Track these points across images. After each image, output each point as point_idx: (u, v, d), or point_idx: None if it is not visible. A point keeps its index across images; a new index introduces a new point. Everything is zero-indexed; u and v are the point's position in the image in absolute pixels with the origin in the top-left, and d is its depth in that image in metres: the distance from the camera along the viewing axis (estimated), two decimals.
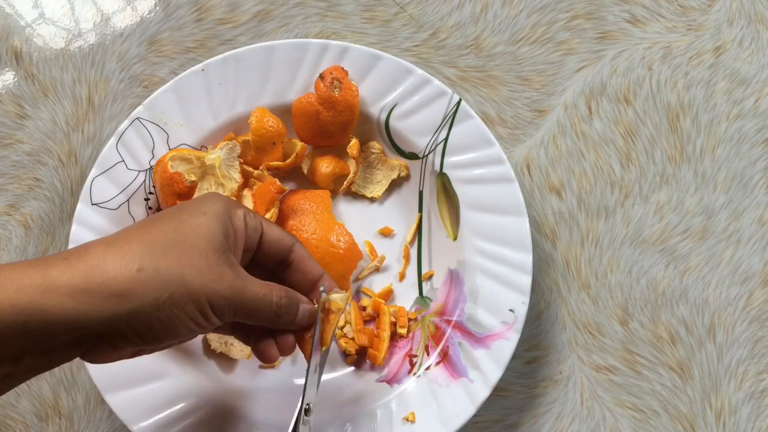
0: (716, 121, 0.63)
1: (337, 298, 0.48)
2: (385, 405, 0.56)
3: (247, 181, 0.59)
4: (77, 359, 0.41)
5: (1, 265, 0.38)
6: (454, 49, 0.64)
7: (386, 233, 0.61)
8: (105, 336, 0.39)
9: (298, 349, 0.48)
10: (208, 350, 0.58)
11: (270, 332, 0.47)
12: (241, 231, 0.44)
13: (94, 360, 0.41)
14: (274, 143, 0.57)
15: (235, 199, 0.58)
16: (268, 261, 0.48)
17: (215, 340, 0.58)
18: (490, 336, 0.56)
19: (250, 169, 0.58)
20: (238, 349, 0.58)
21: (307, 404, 0.47)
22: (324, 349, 0.48)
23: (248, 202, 0.58)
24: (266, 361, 0.47)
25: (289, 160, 0.58)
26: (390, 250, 0.61)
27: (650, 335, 0.61)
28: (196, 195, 0.56)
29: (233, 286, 0.42)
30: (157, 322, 0.40)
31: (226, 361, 0.58)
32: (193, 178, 0.54)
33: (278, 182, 0.57)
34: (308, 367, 0.47)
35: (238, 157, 0.58)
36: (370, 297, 0.60)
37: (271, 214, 0.56)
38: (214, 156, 0.57)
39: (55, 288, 0.37)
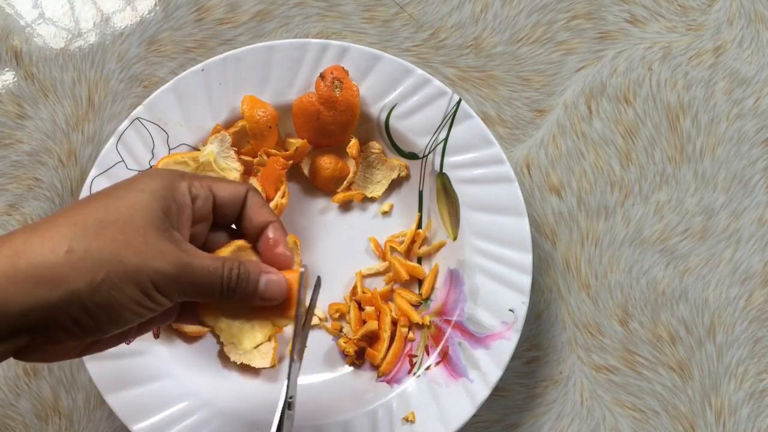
0: (716, 121, 0.63)
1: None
2: (385, 405, 0.56)
3: (250, 170, 0.58)
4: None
5: None
6: (454, 49, 0.64)
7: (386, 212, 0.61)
8: (39, 328, 0.36)
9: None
10: (227, 362, 0.58)
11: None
12: (186, 206, 0.41)
13: (32, 358, 0.38)
14: (270, 127, 0.58)
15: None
16: (230, 219, 0.45)
17: (233, 351, 0.57)
18: (490, 336, 0.56)
19: (249, 158, 0.58)
20: (259, 357, 0.58)
21: (290, 397, 0.45)
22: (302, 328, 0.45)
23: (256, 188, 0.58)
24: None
25: (288, 152, 0.58)
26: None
27: (650, 335, 0.61)
28: None
29: (178, 262, 0.38)
30: (96, 307, 0.36)
31: (225, 361, 0.58)
32: None
33: (281, 159, 0.57)
34: (291, 359, 0.45)
35: (231, 146, 0.58)
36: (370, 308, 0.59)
37: (282, 191, 0.56)
38: (208, 151, 0.57)
39: None
